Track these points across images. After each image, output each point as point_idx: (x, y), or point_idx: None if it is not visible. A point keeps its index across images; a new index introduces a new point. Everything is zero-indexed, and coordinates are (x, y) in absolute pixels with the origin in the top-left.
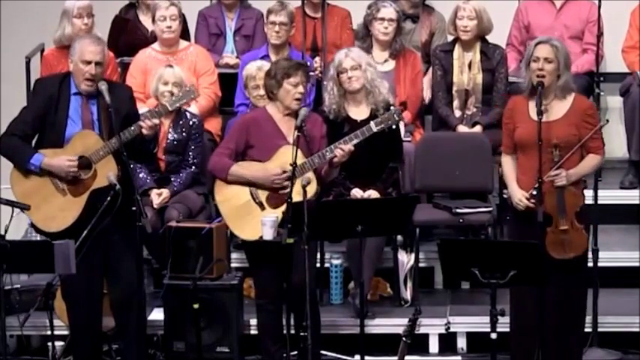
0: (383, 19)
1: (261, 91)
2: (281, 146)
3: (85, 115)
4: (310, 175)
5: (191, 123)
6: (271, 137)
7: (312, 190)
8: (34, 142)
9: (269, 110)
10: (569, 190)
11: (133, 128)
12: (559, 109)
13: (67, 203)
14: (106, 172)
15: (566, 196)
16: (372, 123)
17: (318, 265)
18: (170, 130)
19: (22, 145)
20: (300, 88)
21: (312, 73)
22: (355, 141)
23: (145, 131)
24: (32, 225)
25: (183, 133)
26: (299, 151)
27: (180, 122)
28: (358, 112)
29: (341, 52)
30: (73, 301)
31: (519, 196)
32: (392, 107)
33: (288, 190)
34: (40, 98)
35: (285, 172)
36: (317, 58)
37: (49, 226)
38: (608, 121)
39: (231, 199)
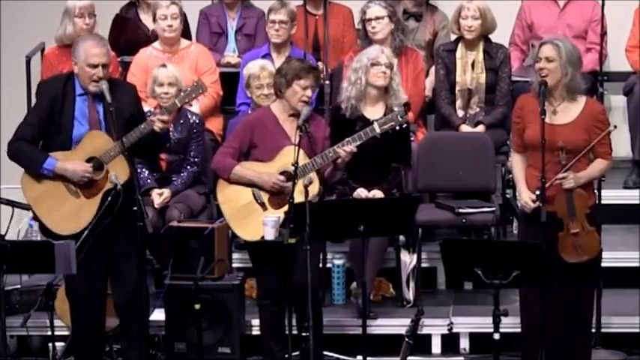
0: (370, 19)
1: (265, 91)
2: (284, 147)
3: (92, 115)
4: (313, 175)
5: (192, 122)
6: (275, 138)
7: (314, 191)
8: (39, 144)
9: (273, 110)
10: (578, 193)
11: (143, 126)
12: (569, 112)
13: (81, 205)
14: (118, 172)
15: (576, 198)
16: (375, 124)
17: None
18: (171, 129)
19: (33, 150)
20: (309, 92)
21: None
22: (358, 142)
23: (156, 128)
24: (40, 228)
25: (184, 133)
26: (302, 152)
27: (181, 121)
28: (373, 111)
29: (376, 47)
30: (76, 301)
31: (526, 198)
32: (395, 108)
33: (290, 190)
34: (44, 100)
35: (285, 173)
36: (319, 63)
37: (64, 230)
38: (615, 127)
39: (233, 199)
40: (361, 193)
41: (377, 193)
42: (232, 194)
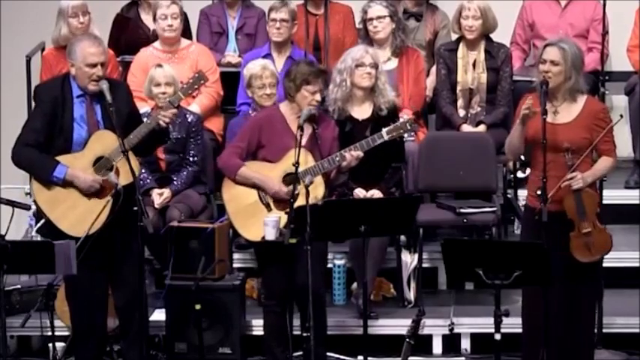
0: (372, 18)
1: (267, 91)
2: (291, 148)
3: (90, 117)
4: (317, 178)
5: (190, 121)
6: (282, 138)
7: (319, 194)
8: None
9: (282, 110)
10: (587, 192)
11: (149, 121)
12: (570, 111)
13: (94, 206)
14: (127, 169)
15: (585, 198)
16: (383, 131)
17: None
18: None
19: (41, 157)
20: (318, 96)
21: None
22: (366, 148)
23: (162, 123)
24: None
25: (183, 132)
26: (309, 154)
27: (179, 121)
28: (360, 111)
29: (360, 47)
30: (77, 302)
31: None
32: (405, 117)
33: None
34: (46, 104)
35: (290, 175)
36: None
37: (79, 232)
38: (622, 116)
39: (238, 198)
40: (359, 193)
41: (375, 193)
42: (238, 193)
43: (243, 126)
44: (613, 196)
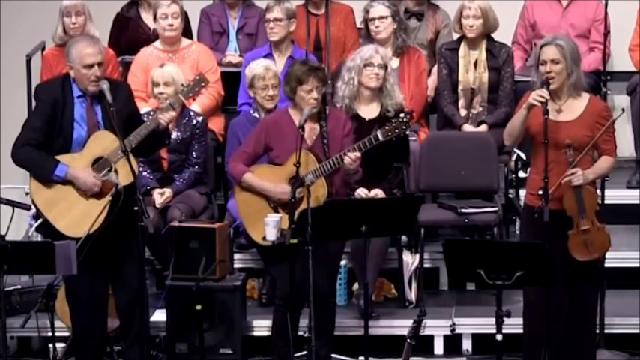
0: (373, 18)
1: (270, 92)
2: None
3: (90, 117)
4: (320, 179)
5: (194, 122)
6: (290, 140)
7: (320, 194)
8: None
9: (290, 112)
10: (587, 189)
11: (148, 123)
12: (573, 109)
13: (92, 206)
14: (125, 171)
15: (585, 195)
16: (378, 132)
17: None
18: (173, 129)
19: (41, 156)
20: (314, 94)
21: None
22: (363, 149)
23: (163, 123)
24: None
25: (187, 132)
26: (309, 155)
27: (184, 121)
28: (368, 110)
29: (370, 46)
30: (78, 303)
31: (532, 95)
32: (400, 115)
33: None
34: (46, 104)
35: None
36: None
37: (76, 232)
38: (623, 110)
39: (249, 200)
40: (361, 192)
41: (378, 193)
42: (249, 195)
43: (233, 127)
44: (614, 196)
